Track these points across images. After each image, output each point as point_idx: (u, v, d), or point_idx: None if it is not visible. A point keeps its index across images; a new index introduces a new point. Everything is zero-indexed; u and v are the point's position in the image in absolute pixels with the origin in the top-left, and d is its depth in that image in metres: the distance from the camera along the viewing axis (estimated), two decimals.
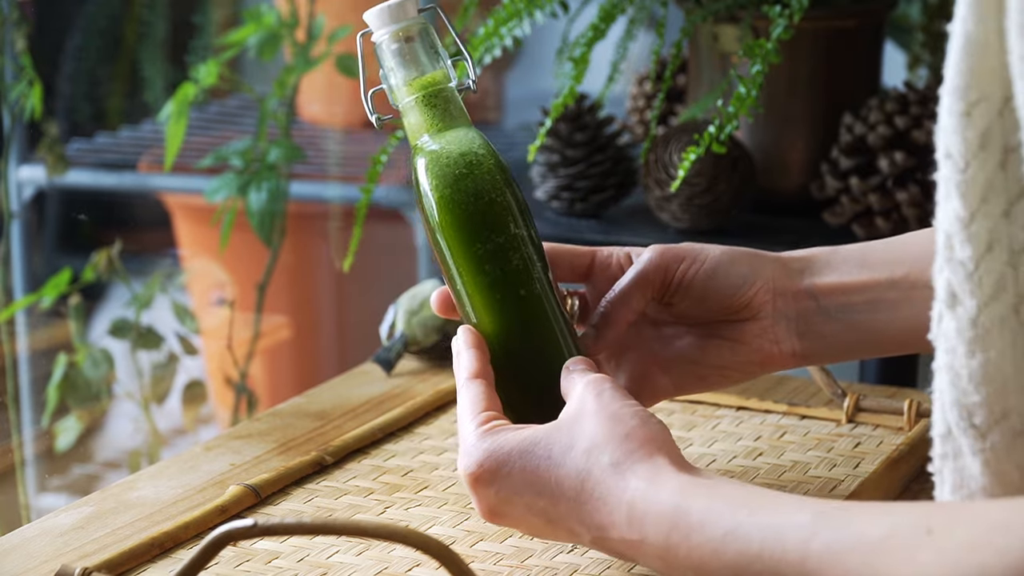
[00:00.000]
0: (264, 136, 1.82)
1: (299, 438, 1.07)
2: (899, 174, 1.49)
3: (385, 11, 0.91)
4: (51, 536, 0.92)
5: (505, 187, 0.89)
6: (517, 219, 0.89)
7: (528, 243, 0.89)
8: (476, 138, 0.91)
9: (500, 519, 0.83)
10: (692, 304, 0.92)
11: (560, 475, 0.80)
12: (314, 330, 2.18)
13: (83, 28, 2.28)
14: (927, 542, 0.67)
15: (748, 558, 0.72)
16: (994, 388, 0.69)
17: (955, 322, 0.70)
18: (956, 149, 0.68)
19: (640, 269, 0.92)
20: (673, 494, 0.76)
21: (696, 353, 0.94)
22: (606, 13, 1.43)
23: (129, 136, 2.21)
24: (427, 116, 0.91)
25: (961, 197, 0.68)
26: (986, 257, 0.68)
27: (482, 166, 0.89)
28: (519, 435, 0.82)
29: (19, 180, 1.99)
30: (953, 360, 0.70)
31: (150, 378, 1.88)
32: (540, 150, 1.54)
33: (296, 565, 0.88)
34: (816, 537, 0.70)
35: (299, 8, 1.84)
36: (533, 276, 0.89)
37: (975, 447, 0.71)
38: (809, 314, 0.92)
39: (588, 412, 0.81)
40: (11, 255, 1.94)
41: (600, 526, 0.79)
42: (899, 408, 1.07)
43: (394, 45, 0.91)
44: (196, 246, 2.13)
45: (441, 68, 0.92)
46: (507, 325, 0.89)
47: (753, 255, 0.93)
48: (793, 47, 1.46)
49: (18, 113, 1.78)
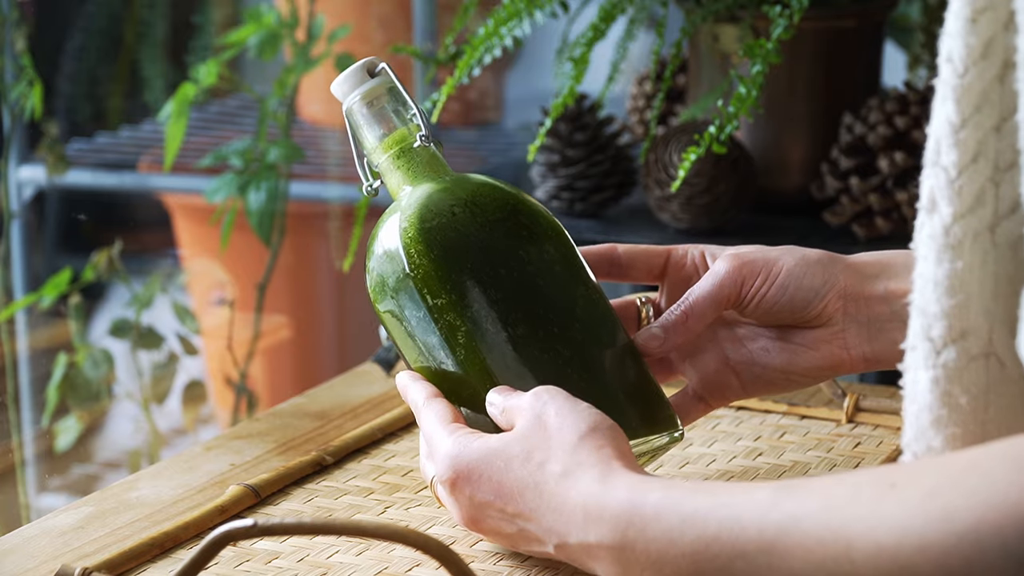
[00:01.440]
0: (264, 136, 1.82)
1: (299, 438, 1.07)
2: (899, 174, 1.49)
3: (344, 81, 0.93)
4: (51, 536, 0.92)
5: (422, 257, 0.88)
6: (434, 288, 0.88)
7: (459, 308, 0.88)
8: (416, 199, 0.91)
9: (478, 525, 0.84)
10: (763, 315, 0.93)
11: (520, 486, 0.80)
12: (314, 330, 2.18)
13: (83, 28, 2.28)
14: (890, 494, 0.66)
15: (705, 541, 0.71)
16: (956, 302, 0.69)
17: (930, 228, 0.69)
18: (957, 54, 0.68)
19: (716, 284, 0.92)
20: (626, 491, 0.76)
21: (766, 357, 0.94)
22: (606, 13, 1.43)
23: (129, 136, 2.21)
24: (398, 175, 0.93)
25: (955, 102, 0.68)
26: (970, 167, 0.68)
27: (407, 233, 0.89)
28: (483, 442, 0.83)
29: (19, 180, 1.99)
30: (924, 268, 0.70)
31: (150, 378, 1.88)
32: (540, 150, 1.53)
33: (296, 565, 0.87)
34: (776, 508, 0.69)
35: (299, 8, 1.84)
36: (457, 343, 0.88)
37: (928, 361, 0.70)
38: (882, 320, 0.92)
39: (539, 423, 0.81)
40: (11, 255, 1.94)
41: (560, 533, 0.79)
42: (899, 408, 1.07)
43: (363, 110, 0.93)
44: (196, 246, 2.13)
45: (405, 126, 0.93)
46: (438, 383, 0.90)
47: (826, 263, 0.92)
48: (793, 47, 1.46)
49: (18, 113, 1.78)
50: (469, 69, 1.38)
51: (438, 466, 0.84)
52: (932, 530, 0.64)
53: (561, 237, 0.92)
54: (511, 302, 0.89)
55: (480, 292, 0.88)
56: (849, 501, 0.67)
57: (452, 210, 0.90)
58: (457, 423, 0.86)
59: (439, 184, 0.91)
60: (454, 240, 0.89)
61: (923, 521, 0.64)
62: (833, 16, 1.53)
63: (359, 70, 0.93)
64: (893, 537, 0.65)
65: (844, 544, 0.67)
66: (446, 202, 0.90)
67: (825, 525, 0.67)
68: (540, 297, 0.89)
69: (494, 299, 0.88)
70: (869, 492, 0.67)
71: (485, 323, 0.88)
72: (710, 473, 0.99)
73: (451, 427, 0.85)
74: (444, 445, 0.84)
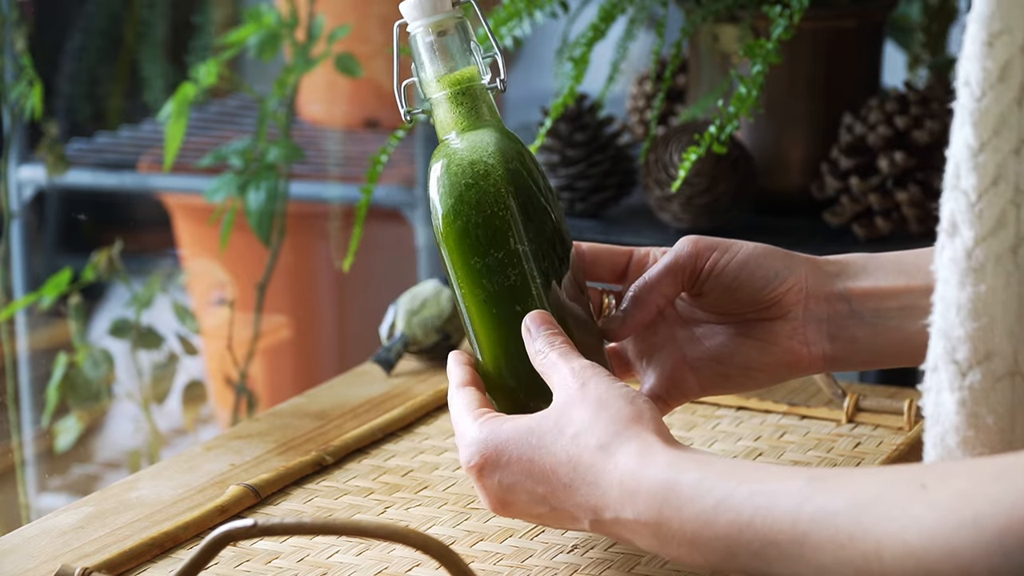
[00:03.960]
0: (264, 136, 1.82)
1: (299, 438, 1.07)
2: (899, 174, 1.49)
3: (420, 3, 0.90)
4: (51, 536, 0.92)
5: (511, 200, 0.88)
6: (519, 234, 0.88)
7: (529, 258, 0.88)
8: (492, 144, 0.89)
9: (507, 509, 0.83)
10: (722, 294, 0.92)
11: (553, 462, 0.80)
12: (314, 330, 2.18)
13: (83, 28, 2.28)
14: (920, 496, 0.67)
15: (739, 526, 0.72)
16: (980, 325, 0.69)
17: (952, 252, 0.70)
18: (975, 77, 0.68)
19: (672, 257, 0.92)
20: (663, 469, 0.76)
21: (725, 353, 0.94)
22: (606, 13, 1.43)
23: (129, 136, 2.21)
24: (454, 113, 0.91)
25: (973, 126, 0.68)
26: (990, 190, 0.69)
27: (489, 177, 0.88)
28: (512, 423, 0.83)
29: (19, 180, 1.99)
30: (946, 291, 0.70)
31: (150, 378, 1.88)
32: (540, 150, 1.53)
33: (296, 565, 0.88)
34: (809, 500, 0.70)
35: (299, 8, 1.84)
36: (531, 292, 0.88)
37: (954, 383, 0.71)
38: (842, 317, 0.92)
39: (575, 398, 0.81)
40: (11, 255, 1.94)
41: (595, 508, 0.79)
42: (899, 408, 1.07)
43: (428, 38, 0.90)
44: (196, 246, 2.13)
45: (473, 65, 0.91)
46: (502, 340, 0.89)
47: (787, 254, 0.93)
48: (793, 47, 1.46)
49: (18, 113, 1.78)
50: None
51: (465, 451, 0.84)
52: (960, 537, 0.65)
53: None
54: (551, 253, 0.90)
55: (547, 245, 0.89)
56: (880, 499, 0.68)
57: (520, 155, 0.90)
58: (484, 408, 0.85)
59: (504, 132, 0.91)
60: (528, 187, 0.89)
61: (952, 527, 0.65)
62: (833, 16, 1.53)
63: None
64: (922, 541, 0.66)
65: (874, 543, 0.67)
66: (514, 148, 0.90)
67: (856, 522, 0.68)
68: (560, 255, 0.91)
69: (544, 247, 0.89)
70: (900, 491, 0.68)
71: (550, 278, 0.89)
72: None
73: (477, 412, 0.85)
74: (471, 431, 0.84)
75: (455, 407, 0.87)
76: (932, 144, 1.48)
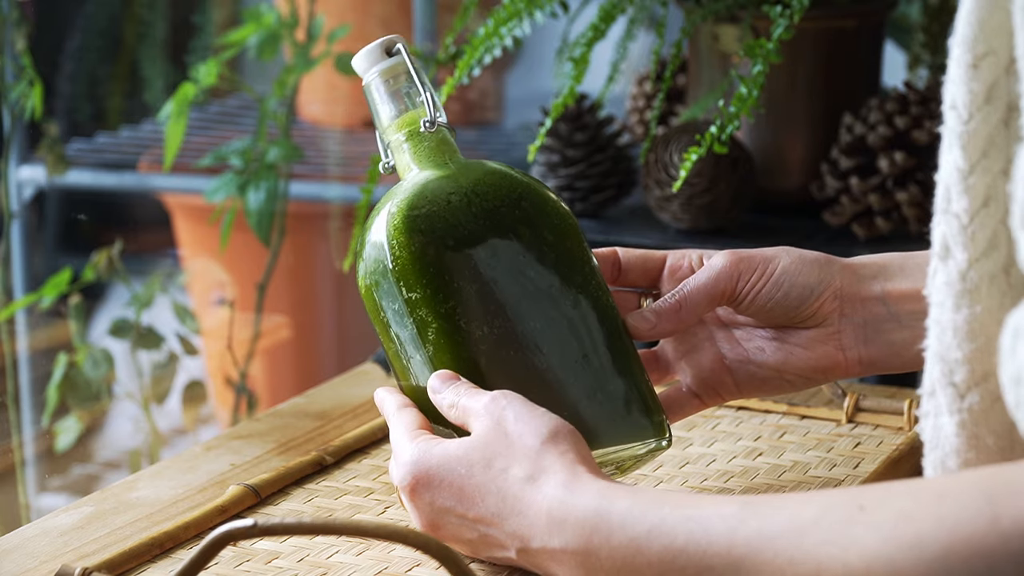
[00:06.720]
0: (264, 136, 1.82)
1: (299, 438, 1.08)
2: (899, 174, 1.49)
3: (367, 54, 0.93)
4: (51, 536, 0.92)
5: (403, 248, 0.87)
6: (410, 281, 0.87)
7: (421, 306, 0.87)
8: (403, 191, 0.90)
9: (438, 531, 0.84)
10: (757, 312, 0.93)
11: (484, 491, 0.80)
12: (314, 330, 2.18)
13: (83, 28, 2.28)
14: (860, 517, 0.66)
15: (672, 552, 0.72)
16: (977, 346, 0.69)
17: (945, 275, 0.70)
18: (961, 100, 0.68)
19: (712, 277, 0.92)
20: (593, 498, 0.76)
21: (761, 356, 0.94)
22: (606, 13, 1.43)
23: (129, 136, 2.21)
24: (397, 160, 0.93)
25: (962, 149, 0.68)
26: (981, 212, 0.68)
27: (389, 225, 0.88)
28: (443, 448, 0.83)
29: (19, 180, 1.99)
30: (941, 314, 0.70)
31: (150, 378, 1.88)
32: (540, 150, 1.53)
33: (296, 565, 0.88)
34: (744, 524, 0.70)
35: (299, 8, 1.84)
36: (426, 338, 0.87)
37: (952, 406, 0.70)
38: (878, 320, 0.92)
39: (495, 433, 0.81)
40: (11, 255, 1.94)
41: (522, 537, 0.79)
42: (899, 408, 1.07)
43: (381, 87, 0.93)
44: (196, 246, 2.13)
45: (411, 110, 0.93)
46: (414, 388, 0.89)
47: (823, 263, 0.92)
48: (793, 47, 1.46)
49: (18, 113, 1.78)
50: (469, 69, 1.38)
51: (398, 471, 0.84)
52: (902, 557, 0.64)
53: (570, 231, 0.92)
54: (491, 297, 0.88)
55: (458, 287, 0.87)
56: (819, 521, 0.68)
57: (449, 198, 0.89)
58: (422, 431, 0.86)
59: (442, 171, 0.91)
60: (440, 231, 0.88)
61: (894, 547, 0.65)
62: (833, 16, 1.53)
63: (378, 47, 0.93)
64: (864, 562, 0.65)
65: (814, 565, 0.67)
66: (444, 190, 0.89)
67: (796, 545, 0.68)
68: (527, 292, 0.88)
69: (472, 294, 0.87)
70: (838, 513, 0.67)
71: (459, 320, 0.87)
72: (710, 473, 0.99)
73: (414, 433, 0.85)
74: (406, 451, 0.84)
75: (394, 428, 0.87)
76: (932, 144, 1.48)
